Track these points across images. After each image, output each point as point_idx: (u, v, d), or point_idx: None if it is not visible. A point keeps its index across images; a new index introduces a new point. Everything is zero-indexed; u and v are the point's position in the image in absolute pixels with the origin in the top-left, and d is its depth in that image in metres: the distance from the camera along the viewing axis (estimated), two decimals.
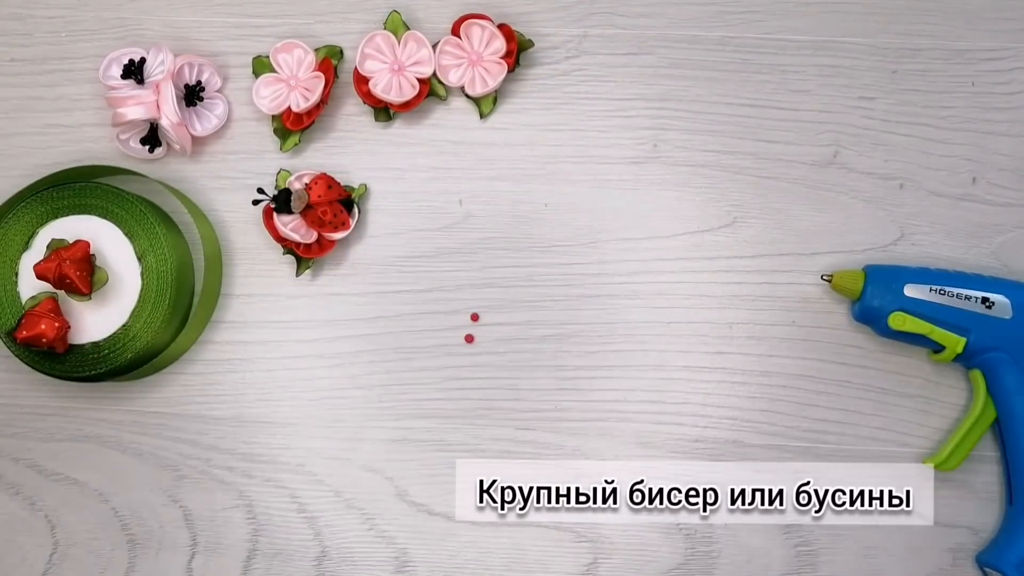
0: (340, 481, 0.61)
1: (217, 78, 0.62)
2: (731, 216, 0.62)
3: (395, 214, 0.62)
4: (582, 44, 0.63)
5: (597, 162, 0.62)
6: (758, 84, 0.62)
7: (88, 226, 0.59)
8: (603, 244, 0.61)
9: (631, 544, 0.60)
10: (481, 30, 0.61)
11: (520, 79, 0.63)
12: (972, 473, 0.60)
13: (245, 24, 0.63)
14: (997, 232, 0.62)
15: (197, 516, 0.61)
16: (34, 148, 0.63)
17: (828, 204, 0.62)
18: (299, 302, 0.61)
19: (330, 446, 0.61)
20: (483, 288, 0.61)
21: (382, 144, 0.63)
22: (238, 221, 0.62)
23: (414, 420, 0.61)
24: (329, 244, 0.60)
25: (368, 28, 0.62)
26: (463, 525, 0.60)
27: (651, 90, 0.63)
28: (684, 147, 0.62)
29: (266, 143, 0.63)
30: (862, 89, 0.62)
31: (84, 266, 0.57)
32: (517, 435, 0.61)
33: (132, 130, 0.61)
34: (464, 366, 0.61)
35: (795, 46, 0.63)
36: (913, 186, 0.62)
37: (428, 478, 0.60)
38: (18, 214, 0.60)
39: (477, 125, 0.63)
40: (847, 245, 0.61)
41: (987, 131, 0.62)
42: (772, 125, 0.62)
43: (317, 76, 0.60)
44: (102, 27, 0.64)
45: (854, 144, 0.62)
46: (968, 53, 0.63)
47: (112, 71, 0.62)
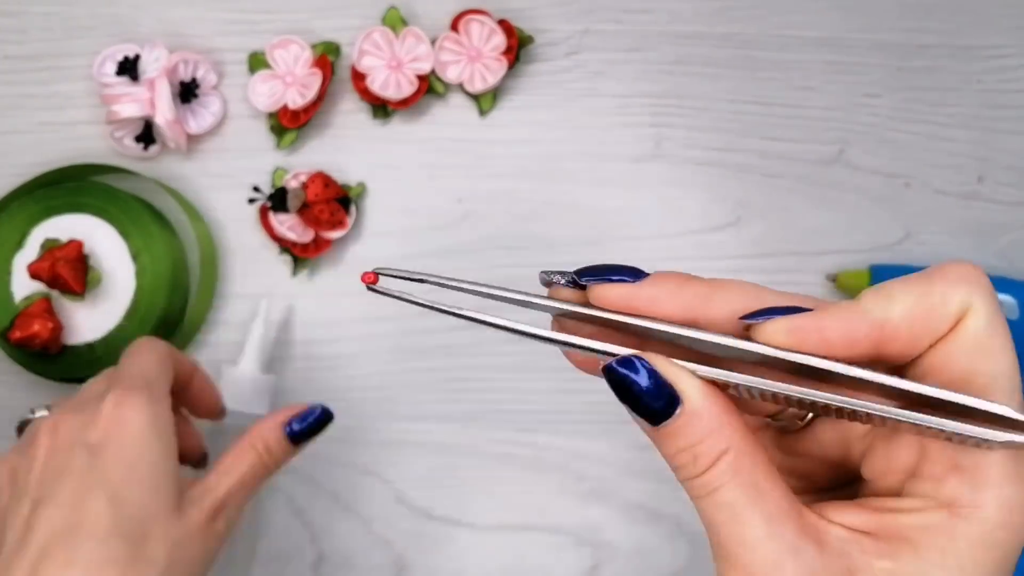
0: (338, 484, 0.60)
1: (212, 75, 0.62)
2: (735, 215, 0.61)
3: (393, 213, 0.61)
4: (583, 40, 0.62)
5: (599, 160, 0.61)
6: (762, 81, 0.62)
7: (82, 225, 0.59)
8: (605, 243, 0.61)
9: (633, 548, 0.60)
10: (481, 26, 0.60)
11: (520, 75, 0.62)
12: None
13: (241, 20, 0.63)
14: (1003, 231, 0.61)
15: None
16: (27, 146, 0.62)
17: (833, 203, 0.61)
18: (296, 302, 0.61)
19: (327, 448, 0.60)
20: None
21: (380, 142, 0.62)
22: (234, 220, 0.61)
23: (413, 422, 0.60)
24: (326, 243, 0.60)
25: (366, 24, 0.62)
26: (463, 529, 0.60)
27: (654, 87, 0.62)
28: (687, 145, 0.61)
29: (262, 141, 0.62)
30: (868, 86, 0.62)
31: (78, 265, 0.57)
32: (518, 437, 0.60)
33: (126, 128, 0.61)
34: (464, 367, 0.60)
35: (800, 42, 0.62)
36: (919, 185, 0.61)
37: (427, 481, 0.60)
38: (11, 213, 0.59)
39: (476, 122, 0.62)
40: (852, 244, 0.61)
41: (994, 129, 0.62)
42: (776, 122, 0.61)
43: (314, 73, 0.60)
44: (96, 24, 0.63)
45: (859, 142, 0.61)
46: (975, 50, 0.62)
47: (106, 68, 0.61)
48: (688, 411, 0.27)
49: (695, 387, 0.27)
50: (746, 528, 0.26)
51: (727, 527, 0.26)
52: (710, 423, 0.27)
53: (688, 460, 0.27)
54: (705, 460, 0.27)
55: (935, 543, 0.26)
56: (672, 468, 0.27)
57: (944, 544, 0.26)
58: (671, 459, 0.27)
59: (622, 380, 0.27)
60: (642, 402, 0.27)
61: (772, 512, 0.26)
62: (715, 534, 0.27)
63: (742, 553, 0.26)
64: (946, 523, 0.26)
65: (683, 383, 0.27)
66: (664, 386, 0.27)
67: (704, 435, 0.27)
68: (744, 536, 0.26)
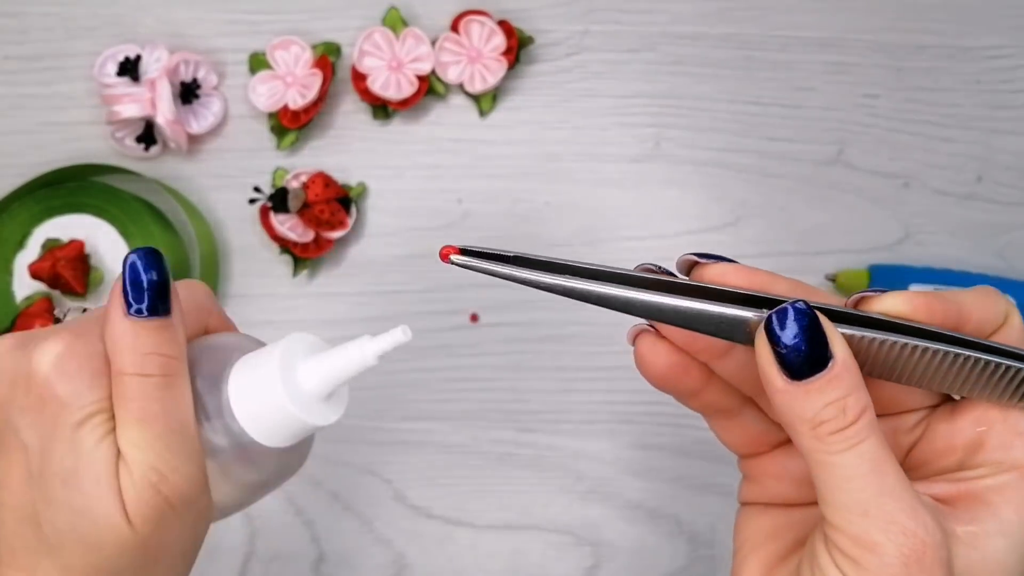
0: (338, 483, 0.60)
1: (213, 75, 0.62)
2: (734, 215, 0.61)
3: (393, 213, 0.61)
4: (583, 40, 0.62)
5: (598, 160, 0.62)
6: (762, 81, 0.62)
7: (83, 225, 0.59)
8: (604, 243, 0.61)
9: (633, 547, 0.60)
10: (481, 26, 0.60)
11: (520, 76, 0.62)
12: None
13: (241, 21, 0.63)
14: (1002, 231, 0.61)
15: None
16: (28, 146, 0.62)
17: (832, 203, 0.61)
18: (296, 302, 0.61)
19: (328, 448, 0.60)
20: (483, 288, 0.60)
21: (380, 142, 0.62)
22: (234, 220, 0.62)
23: (413, 422, 0.60)
24: (327, 243, 0.60)
25: (366, 24, 0.62)
26: (463, 528, 0.60)
27: (653, 87, 0.62)
28: (686, 145, 0.62)
29: (263, 141, 0.62)
30: (867, 87, 0.62)
31: (79, 265, 0.57)
32: (518, 437, 0.60)
33: (127, 128, 0.61)
34: (464, 367, 0.60)
35: (799, 43, 0.62)
36: (918, 185, 0.61)
37: (427, 480, 0.60)
38: (12, 213, 0.59)
39: (476, 123, 0.62)
40: (851, 244, 0.61)
41: (993, 129, 0.62)
42: (776, 123, 0.62)
43: (314, 73, 0.60)
44: (97, 24, 0.63)
45: (858, 142, 0.61)
46: (974, 51, 0.62)
47: (107, 68, 0.61)
48: (840, 364, 0.28)
49: (842, 342, 0.28)
50: (886, 478, 0.28)
51: (868, 478, 0.27)
52: (857, 377, 0.28)
53: (837, 412, 0.28)
54: (853, 412, 0.28)
55: (1010, 501, 0.29)
56: (811, 424, 0.28)
57: (1018, 500, 0.29)
58: (815, 414, 0.28)
59: (784, 331, 0.28)
60: (803, 353, 0.28)
61: (899, 467, 0.28)
62: (850, 488, 0.28)
63: (885, 502, 0.27)
64: (1018, 481, 0.29)
65: (834, 337, 0.28)
66: (823, 338, 0.28)
67: (853, 388, 0.28)
68: (884, 485, 0.27)
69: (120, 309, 0.31)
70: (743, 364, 0.32)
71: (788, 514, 0.34)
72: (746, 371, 0.33)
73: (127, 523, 0.30)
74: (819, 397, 0.28)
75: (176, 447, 0.31)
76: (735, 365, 0.33)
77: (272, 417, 0.32)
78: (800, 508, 0.34)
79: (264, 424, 0.32)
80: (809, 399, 0.28)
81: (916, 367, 0.29)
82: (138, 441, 0.30)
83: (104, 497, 0.30)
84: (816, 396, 0.28)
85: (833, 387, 0.28)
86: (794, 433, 0.29)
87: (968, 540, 0.28)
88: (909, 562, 0.27)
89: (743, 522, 0.35)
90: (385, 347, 0.34)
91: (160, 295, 0.31)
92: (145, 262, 0.31)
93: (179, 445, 0.31)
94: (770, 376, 0.28)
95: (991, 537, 0.29)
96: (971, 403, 0.31)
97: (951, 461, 0.31)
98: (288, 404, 0.32)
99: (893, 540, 0.27)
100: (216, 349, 0.34)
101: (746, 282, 0.30)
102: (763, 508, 0.35)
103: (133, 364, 0.31)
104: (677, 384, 0.33)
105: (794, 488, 0.34)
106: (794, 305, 0.28)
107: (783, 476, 0.34)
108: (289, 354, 0.33)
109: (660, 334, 0.33)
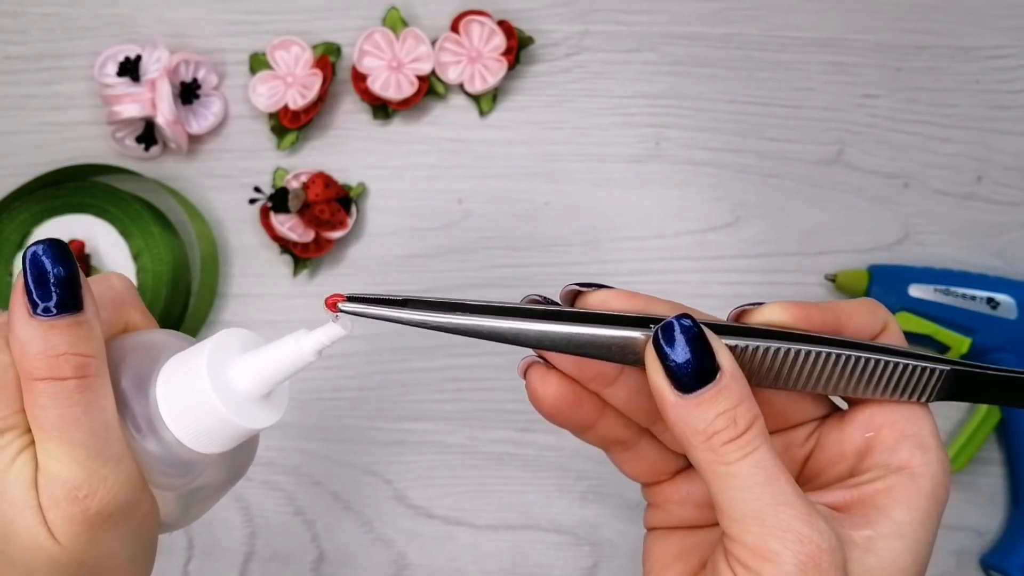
0: (338, 483, 0.60)
1: (213, 75, 0.62)
2: (734, 215, 0.61)
3: (394, 213, 0.61)
4: (583, 41, 0.62)
5: (598, 160, 0.62)
6: (761, 81, 0.62)
7: (83, 225, 0.59)
8: (604, 243, 0.61)
9: (633, 547, 0.60)
10: (481, 27, 0.60)
11: (520, 76, 0.62)
12: (977, 475, 0.59)
13: (242, 21, 0.63)
14: (1002, 231, 0.61)
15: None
16: (29, 146, 0.62)
17: (832, 203, 0.61)
18: (296, 302, 0.61)
19: (328, 448, 0.60)
20: (483, 288, 0.60)
21: (380, 142, 0.62)
22: (234, 220, 0.62)
23: (412, 422, 0.60)
24: (327, 243, 0.60)
25: (366, 24, 0.62)
26: (462, 528, 0.60)
27: (653, 87, 0.62)
28: (686, 145, 0.62)
29: (263, 141, 0.62)
30: (866, 87, 0.62)
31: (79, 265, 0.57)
32: (517, 437, 0.60)
33: (128, 128, 0.61)
34: (463, 367, 0.60)
35: (799, 43, 0.62)
36: (918, 185, 0.61)
37: (427, 481, 0.60)
38: (12, 213, 0.59)
39: (477, 123, 0.62)
40: (851, 244, 0.61)
41: (992, 129, 0.62)
42: (775, 123, 0.62)
43: (314, 73, 0.60)
44: (97, 24, 0.63)
45: (858, 142, 0.61)
46: (974, 51, 0.62)
47: (107, 68, 0.61)
48: (728, 375, 0.28)
49: (728, 354, 0.29)
50: (780, 487, 0.28)
51: (763, 487, 0.28)
52: (745, 388, 0.29)
53: (728, 422, 0.28)
54: (744, 422, 0.28)
55: (900, 501, 0.29)
56: (703, 436, 0.28)
57: (907, 500, 0.29)
58: (707, 425, 0.28)
59: (671, 346, 0.28)
60: (691, 365, 0.28)
61: (791, 476, 0.28)
62: (746, 498, 0.28)
63: (781, 510, 0.27)
64: (906, 482, 0.30)
65: (720, 349, 0.29)
66: (710, 350, 0.28)
67: (742, 398, 0.28)
68: (778, 495, 0.28)
69: (24, 310, 0.28)
70: (635, 390, 0.33)
71: (693, 536, 0.34)
72: (639, 397, 0.33)
73: (54, 542, 0.28)
74: (710, 408, 0.28)
75: (102, 453, 0.28)
76: (626, 392, 0.33)
77: (204, 422, 0.29)
78: (704, 529, 0.34)
79: (196, 429, 0.29)
80: (700, 411, 0.28)
81: (800, 372, 0.30)
82: (57, 453, 0.28)
83: (24, 519, 0.28)
84: (707, 407, 0.28)
85: (723, 397, 0.28)
86: (689, 447, 0.29)
87: (865, 545, 0.29)
88: (807, 568, 0.27)
89: (650, 546, 0.36)
90: (323, 341, 0.32)
91: (69, 289, 0.28)
92: (49, 255, 0.28)
93: (104, 451, 0.28)
94: (662, 391, 0.29)
95: (887, 540, 0.29)
96: (859, 410, 0.31)
97: (843, 468, 0.31)
98: (220, 407, 0.29)
99: (790, 548, 0.27)
100: (141, 348, 0.31)
101: (628, 305, 0.31)
102: (668, 532, 0.36)
103: (45, 368, 0.28)
104: (571, 416, 0.33)
105: (696, 511, 0.34)
106: (679, 320, 0.28)
107: (685, 501, 0.35)
108: (219, 352, 0.30)
109: (551, 365, 0.32)
